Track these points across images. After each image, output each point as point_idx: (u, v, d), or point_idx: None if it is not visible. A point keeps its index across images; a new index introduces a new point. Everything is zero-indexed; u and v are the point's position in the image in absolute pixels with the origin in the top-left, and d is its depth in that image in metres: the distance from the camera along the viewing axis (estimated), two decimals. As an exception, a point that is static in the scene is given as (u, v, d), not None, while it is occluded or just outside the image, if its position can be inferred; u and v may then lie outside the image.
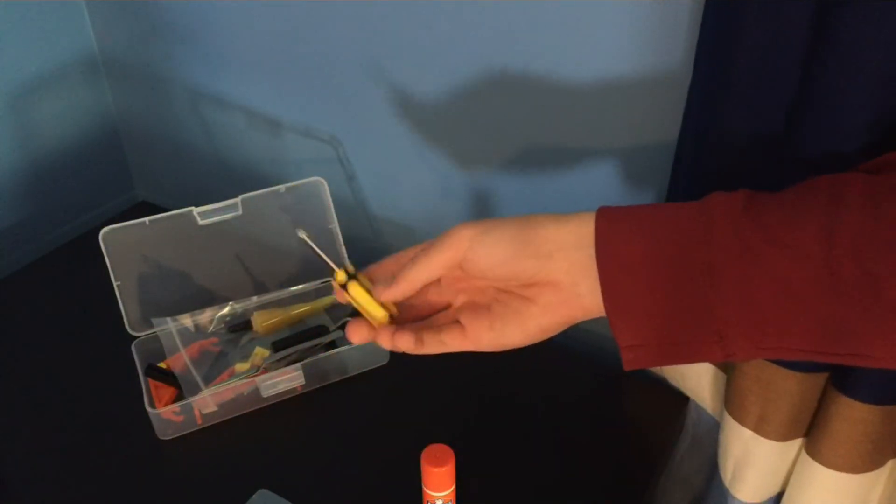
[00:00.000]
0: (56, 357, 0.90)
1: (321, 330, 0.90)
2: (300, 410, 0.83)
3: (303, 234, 0.57)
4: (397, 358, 0.89)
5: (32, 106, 1.10)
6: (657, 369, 0.85)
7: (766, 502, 0.72)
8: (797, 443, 0.67)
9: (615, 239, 0.44)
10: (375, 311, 0.52)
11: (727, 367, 0.72)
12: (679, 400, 0.83)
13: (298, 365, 0.82)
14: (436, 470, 0.63)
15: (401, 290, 0.49)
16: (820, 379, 0.63)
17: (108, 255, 0.85)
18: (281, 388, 0.82)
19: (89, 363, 0.89)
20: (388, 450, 0.78)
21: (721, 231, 0.42)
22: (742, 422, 0.68)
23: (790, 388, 0.64)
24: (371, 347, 0.86)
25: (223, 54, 1.03)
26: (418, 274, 0.48)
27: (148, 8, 1.06)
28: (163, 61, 1.10)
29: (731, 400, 0.69)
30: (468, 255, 0.47)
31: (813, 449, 0.65)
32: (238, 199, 0.90)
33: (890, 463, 0.64)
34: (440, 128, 0.91)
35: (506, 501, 0.74)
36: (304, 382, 0.84)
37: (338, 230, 0.95)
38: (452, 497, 0.65)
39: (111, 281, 0.86)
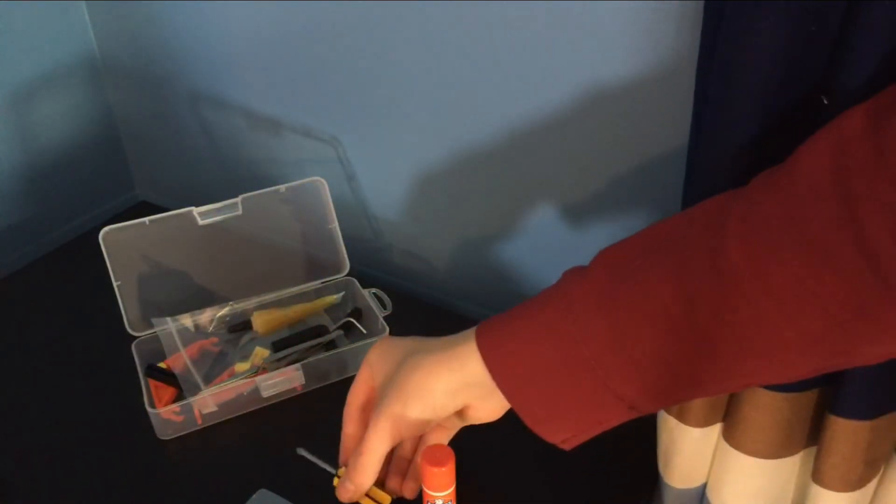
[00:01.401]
0: (56, 357, 0.90)
1: (321, 330, 0.90)
2: (300, 410, 0.83)
3: (303, 452, 0.73)
4: (397, 358, 0.89)
5: (32, 106, 1.10)
6: None
7: (695, 488, 0.73)
8: (716, 428, 0.69)
9: (506, 366, 0.49)
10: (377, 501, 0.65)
11: None
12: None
13: (298, 365, 0.82)
14: (436, 470, 0.63)
15: (366, 484, 0.60)
16: None
17: (107, 255, 0.85)
18: (281, 388, 0.82)
19: (89, 363, 0.89)
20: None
21: (590, 324, 0.46)
22: (666, 410, 0.70)
23: None
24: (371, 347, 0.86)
25: (223, 54, 1.03)
26: (374, 469, 0.59)
27: (148, 8, 1.06)
28: (163, 61, 1.10)
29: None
30: (405, 435, 0.56)
31: (729, 434, 0.66)
32: (238, 199, 0.90)
33: (804, 451, 0.65)
34: (440, 127, 0.91)
35: (506, 501, 0.74)
36: (303, 382, 0.84)
37: (338, 230, 0.95)
38: (452, 497, 0.65)
39: (111, 281, 0.86)
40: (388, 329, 0.86)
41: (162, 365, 0.84)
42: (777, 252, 0.41)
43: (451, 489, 0.65)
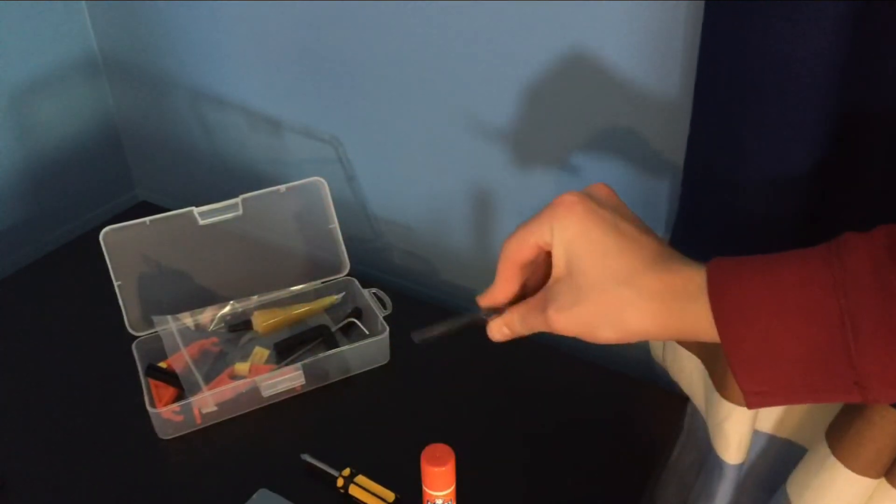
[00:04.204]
0: (56, 357, 0.90)
1: (322, 330, 0.90)
2: (300, 410, 0.83)
3: (307, 457, 0.74)
4: (397, 358, 0.89)
5: (33, 106, 1.10)
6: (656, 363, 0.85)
7: None
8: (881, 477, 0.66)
9: (730, 287, 0.42)
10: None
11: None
12: (678, 400, 0.83)
13: (298, 365, 0.82)
14: (436, 470, 0.63)
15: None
16: None
17: (108, 255, 0.86)
18: (281, 388, 0.83)
19: (89, 363, 0.89)
20: (388, 449, 0.78)
21: (861, 273, 0.38)
22: (852, 467, 0.65)
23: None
24: (371, 347, 0.86)
25: (223, 54, 1.03)
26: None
27: (148, 8, 1.06)
28: (163, 61, 1.10)
29: (845, 447, 0.66)
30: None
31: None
32: (238, 199, 0.90)
33: None
34: (440, 127, 0.91)
35: (506, 501, 0.74)
36: (304, 382, 0.84)
37: (338, 230, 0.95)
38: (452, 497, 0.65)
39: (112, 281, 0.86)
40: (388, 329, 0.86)
41: (162, 365, 0.84)
42: None
43: (451, 489, 0.65)
